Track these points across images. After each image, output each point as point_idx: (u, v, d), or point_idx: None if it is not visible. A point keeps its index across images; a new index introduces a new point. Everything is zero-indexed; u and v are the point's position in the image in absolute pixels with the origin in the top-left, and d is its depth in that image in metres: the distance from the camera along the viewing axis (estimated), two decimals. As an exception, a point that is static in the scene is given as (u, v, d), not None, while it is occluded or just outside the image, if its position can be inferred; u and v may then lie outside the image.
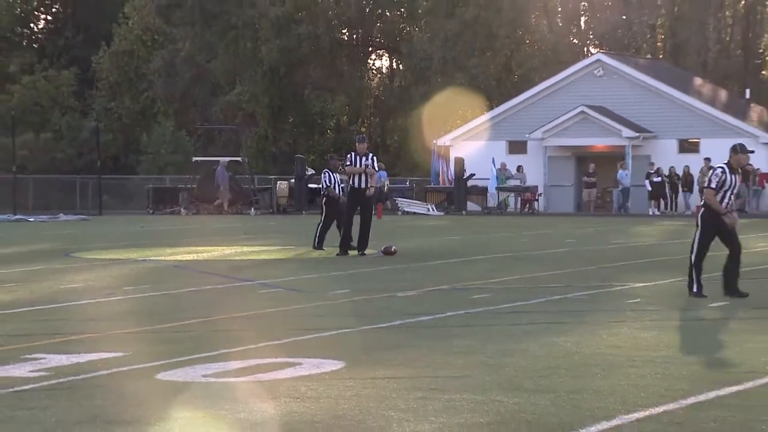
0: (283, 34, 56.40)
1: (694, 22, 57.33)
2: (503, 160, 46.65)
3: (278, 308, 13.90)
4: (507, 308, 13.53)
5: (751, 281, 16.94)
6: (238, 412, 7.85)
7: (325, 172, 23.52)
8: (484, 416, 7.62)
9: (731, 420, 7.48)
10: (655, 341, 10.82)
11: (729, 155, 14.57)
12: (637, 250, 23.78)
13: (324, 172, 23.60)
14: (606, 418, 7.48)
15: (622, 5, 60.23)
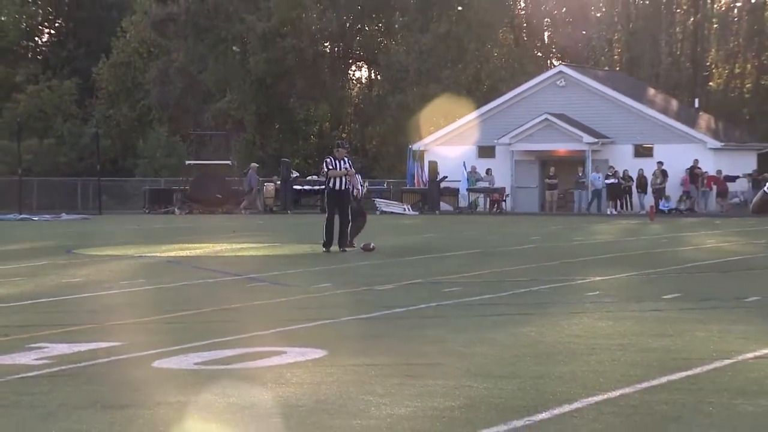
0: (269, 47, 56.37)
1: (647, 37, 57.55)
2: (473, 163, 46.72)
3: (265, 301, 13.88)
4: (477, 300, 13.55)
5: (701, 275, 17.03)
6: (228, 396, 7.83)
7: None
8: (455, 400, 7.62)
9: (681, 402, 7.51)
10: (612, 330, 10.85)
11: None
12: (597, 247, 23.86)
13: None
14: (567, 402, 7.50)
15: (582, 21, 60.39)
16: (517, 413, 7.14)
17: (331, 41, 61.72)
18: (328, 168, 21.77)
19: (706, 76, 59.24)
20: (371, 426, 6.89)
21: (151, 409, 7.47)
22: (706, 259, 19.97)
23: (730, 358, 9.16)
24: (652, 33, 57.55)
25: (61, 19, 66.70)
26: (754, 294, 13.53)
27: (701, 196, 44.09)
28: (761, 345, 9.68)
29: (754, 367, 8.83)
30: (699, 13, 58.86)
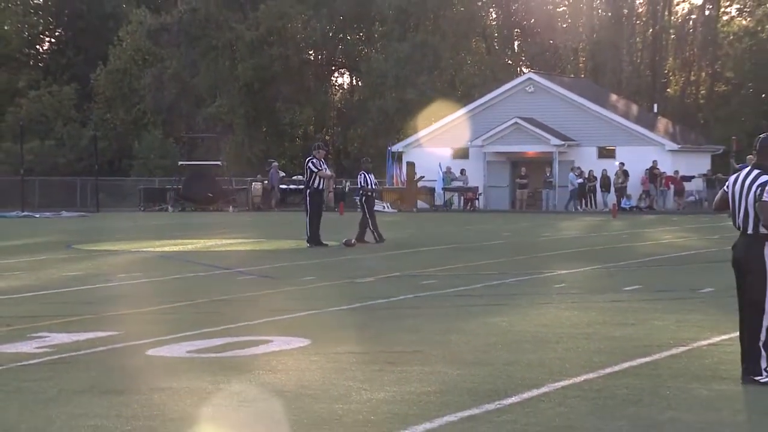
0: (257, 54, 56.24)
1: (610, 46, 57.72)
2: (448, 164, 46.73)
3: (253, 293, 13.85)
4: (451, 292, 13.56)
5: (659, 268, 17.10)
6: (218, 383, 7.82)
7: (361, 173, 23.51)
8: (431, 386, 7.63)
9: (641, 387, 7.55)
10: (577, 320, 10.89)
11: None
12: (563, 242, 23.91)
13: (360, 174, 23.58)
14: (535, 386, 7.52)
15: (550, 31, 60.50)
16: (488, 397, 7.16)
17: (315, 49, 61.65)
18: (318, 169, 21.66)
19: (664, 83, 59.47)
20: (352, 410, 6.90)
21: (145, 394, 7.45)
22: (664, 253, 20.05)
23: (686, 346, 9.21)
24: (614, 43, 57.73)
25: (61, 29, 66.39)
26: (708, 286, 13.60)
27: (660, 194, 44.24)
28: (715, 333, 9.74)
29: (708, 353, 8.88)
30: (657, 25, 59.07)
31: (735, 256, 7.76)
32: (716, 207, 8.12)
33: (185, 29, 57.60)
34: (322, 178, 21.57)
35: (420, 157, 46.77)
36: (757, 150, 7.71)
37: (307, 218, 21.72)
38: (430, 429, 6.39)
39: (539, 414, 6.76)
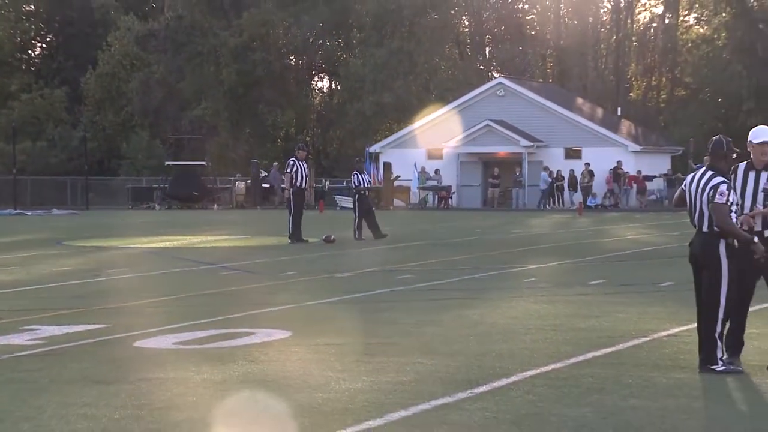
0: (240, 59, 56.09)
1: (576, 53, 57.93)
2: (423, 164, 46.76)
3: (236, 287, 13.82)
4: (426, 286, 13.57)
5: (622, 263, 17.16)
6: (203, 373, 7.80)
7: (355, 174, 23.43)
8: (406, 375, 7.64)
9: (605, 375, 7.58)
10: (545, 312, 10.92)
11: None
12: (532, 238, 23.96)
13: (354, 174, 23.48)
14: (505, 376, 7.54)
15: (519, 39, 60.64)
16: (460, 386, 7.17)
17: (296, 55, 61.55)
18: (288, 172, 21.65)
19: (627, 88, 59.71)
20: (331, 399, 6.89)
21: (133, 383, 7.42)
22: (627, 249, 20.13)
23: (647, 336, 9.25)
24: (580, 49, 57.93)
25: (52, 35, 66.02)
26: (669, 280, 13.65)
27: (623, 193, 44.43)
28: (674, 324, 9.79)
29: (668, 343, 8.93)
30: (620, 33, 59.29)
31: (692, 252, 7.80)
32: (676, 204, 8.19)
33: (171, 36, 57.38)
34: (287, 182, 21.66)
35: (396, 158, 46.76)
36: (710, 152, 7.76)
37: (290, 216, 21.70)
38: (405, 416, 6.40)
39: (509, 402, 6.78)
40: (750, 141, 7.93)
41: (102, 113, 59.91)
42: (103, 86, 59.79)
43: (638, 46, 60.45)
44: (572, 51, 58.27)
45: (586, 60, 58.26)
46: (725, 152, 7.72)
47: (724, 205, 7.51)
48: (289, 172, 21.69)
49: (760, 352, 8.05)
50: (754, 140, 7.87)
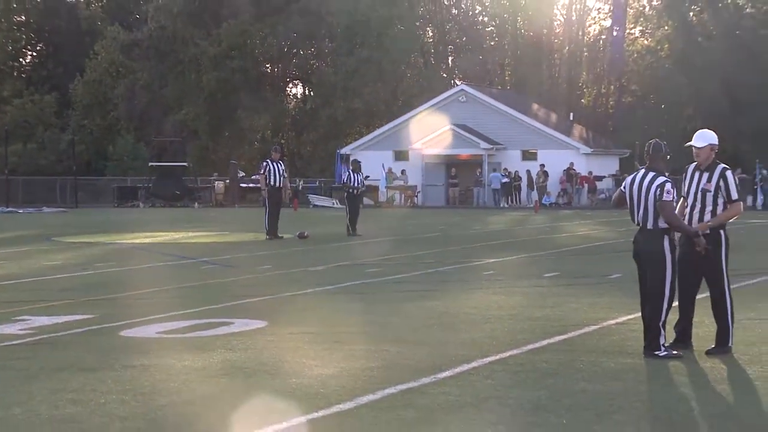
0: (219, 67, 55.82)
1: (532, 62, 58.15)
2: (390, 165, 46.76)
3: (216, 280, 13.76)
4: (393, 279, 13.57)
5: (574, 256, 17.25)
6: (184, 360, 7.76)
7: (346, 172, 23.37)
8: (374, 362, 7.64)
9: (558, 360, 7.62)
10: (503, 303, 10.95)
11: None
12: (491, 234, 24.02)
13: (345, 172, 23.41)
14: (466, 362, 7.56)
15: (479, 49, 60.76)
16: (425, 372, 7.18)
17: (272, 63, 61.30)
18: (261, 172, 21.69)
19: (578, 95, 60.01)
20: (305, 384, 6.88)
21: (118, 371, 7.37)
22: (579, 243, 20.24)
23: (597, 324, 9.31)
24: (536, 59, 58.16)
25: (42, 44, 65.36)
26: (617, 272, 13.74)
27: (576, 192, 44.65)
28: (622, 313, 9.85)
29: (616, 331, 8.98)
30: (572, 44, 59.60)
31: (636, 248, 7.85)
32: (615, 204, 8.25)
33: (155, 45, 57.01)
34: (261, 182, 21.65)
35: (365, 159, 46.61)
36: (650, 154, 7.82)
37: (266, 213, 21.63)
38: (373, 400, 6.40)
39: (470, 386, 6.80)
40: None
41: (89, 117, 59.42)
42: (90, 92, 59.31)
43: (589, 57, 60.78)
44: (528, 60, 58.50)
45: (541, 69, 58.50)
46: (664, 154, 7.80)
47: (671, 202, 7.58)
48: (262, 173, 21.69)
49: (698, 338, 8.13)
50: (692, 143, 8.00)
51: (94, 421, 5.99)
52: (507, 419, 5.93)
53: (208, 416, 6.07)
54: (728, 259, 7.94)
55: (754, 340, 8.34)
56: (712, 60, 46.83)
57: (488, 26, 63.42)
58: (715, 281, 7.88)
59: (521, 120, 46.51)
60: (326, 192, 47.81)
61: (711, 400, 6.50)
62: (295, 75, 63.56)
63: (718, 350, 7.81)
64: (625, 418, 5.94)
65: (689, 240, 7.75)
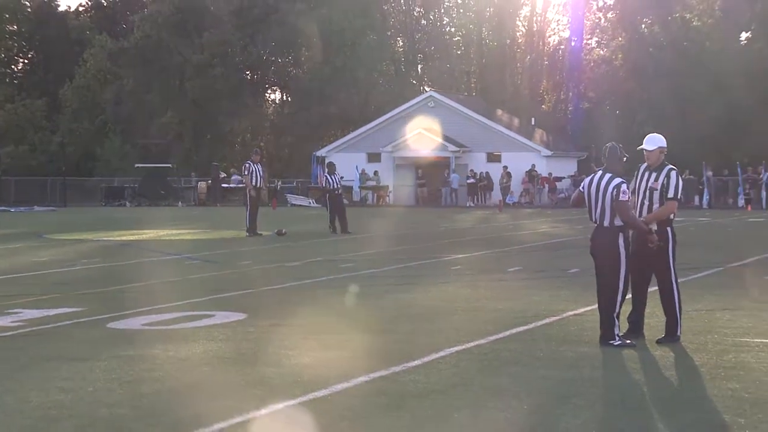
0: (202, 74, 55.54)
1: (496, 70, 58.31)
2: (363, 166, 46.73)
3: (199, 275, 13.68)
4: (365, 274, 13.56)
5: (536, 252, 17.32)
6: (168, 350, 7.71)
7: (324, 175, 23.30)
8: (347, 351, 7.63)
9: (520, 350, 7.65)
10: (470, 296, 10.98)
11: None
12: (458, 231, 24.06)
13: (324, 176, 23.33)
14: (434, 351, 7.57)
15: (447, 57, 60.83)
16: (395, 361, 7.18)
17: (252, 70, 61.06)
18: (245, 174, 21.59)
19: (539, 101, 60.24)
20: (282, 373, 6.86)
21: (105, 360, 7.31)
22: (539, 240, 20.32)
23: (556, 316, 9.35)
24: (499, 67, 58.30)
25: (34, 51, 64.74)
26: (575, 267, 13.81)
27: (537, 192, 44.83)
28: (580, 305, 9.90)
29: (575, 322, 9.03)
30: (534, 53, 59.83)
31: (593, 245, 7.89)
32: (573, 204, 8.29)
33: (141, 53, 56.63)
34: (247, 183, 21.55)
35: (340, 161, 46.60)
36: (606, 157, 7.86)
37: (246, 212, 21.55)
38: (347, 387, 6.39)
39: (438, 373, 6.81)
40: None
41: (78, 121, 58.93)
42: (79, 97, 58.83)
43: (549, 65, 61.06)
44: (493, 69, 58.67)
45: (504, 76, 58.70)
46: (620, 156, 7.85)
47: (627, 202, 7.64)
48: (246, 174, 21.63)
49: (649, 328, 8.19)
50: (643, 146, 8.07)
51: (82, 408, 5.94)
52: (472, 404, 5.95)
53: (191, 403, 6.03)
54: (676, 254, 8.00)
55: (700, 330, 8.42)
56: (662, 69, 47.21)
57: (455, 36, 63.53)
58: (664, 275, 7.95)
59: (486, 124, 46.62)
60: (303, 192, 47.68)
61: (661, 385, 6.55)
62: (274, 82, 63.37)
63: (667, 339, 7.87)
64: (582, 403, 5.97)
65: (641, 237, 7.81)
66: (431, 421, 5.58)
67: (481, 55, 60.65)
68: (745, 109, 45.32)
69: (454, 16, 63.16)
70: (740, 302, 10.04)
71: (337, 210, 22.63)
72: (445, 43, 61.80)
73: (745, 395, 6.08)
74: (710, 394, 6.17)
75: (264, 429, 5.47)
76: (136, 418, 5.68)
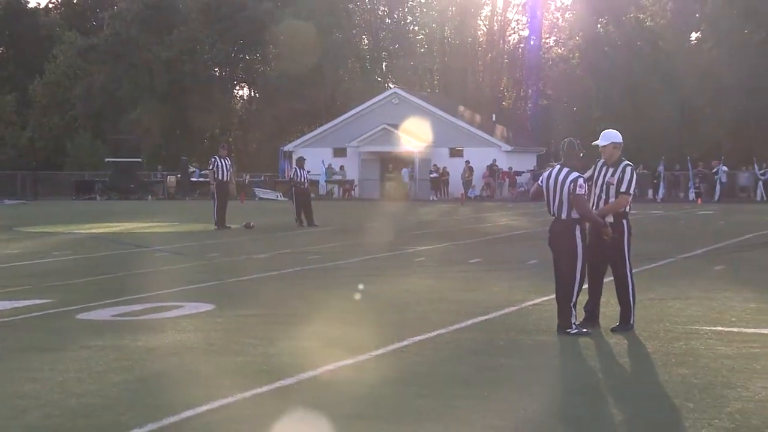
0: (171, 71, 55.05)
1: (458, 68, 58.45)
2: (330, 161, 46.63)
3: (168, 267, 13.57)
4: (332, 266, 13.53)
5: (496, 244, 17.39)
6: (137, 341, 7.64)
7: (293, 168, 23.15)
8: (314, 342, 7.62)
9: (481, 339, 7.68)
10: (433, 287, 11.00)
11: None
12: (422, 224, 24.08)
13: (294, 169, 23.20)
14: (399, 340, 7.56)
15: (411, 55, 60.84)
16: (361, 350, 7.18)
17: (220, 67, 60.62)
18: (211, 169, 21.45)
19: (500, 98, 60.50)
20: (250, 361, 6.83)
21: (75, 351, 7.23)
22: (500, 232, 20.40)
23: (516, 306, 9.40)
24: (461, 65, 58.45)
25: (3, 47, 63.74)
26: (534, 258, 13.87)
27: (498, 186, 45.03)
28: (538, 296, 9.96)
29: (533, 311, 9.09)
30: (494, 51, 60.04)
31: (551, 237, 7.95)
32: (532, 197, 8.33)
33: (110, 49, 55.98)
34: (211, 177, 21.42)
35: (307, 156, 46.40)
36: (564, 152, 7.91)
37: (214, 205, 21.41)
38: (313, 376, 6.38)
39: (402, 362, 6.82)
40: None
41: (48, 116, 58.15)
42: (49, 93, 58.04)
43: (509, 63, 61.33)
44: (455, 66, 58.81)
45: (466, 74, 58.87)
46: (577, 151, 7.90)
47: (583, 195, 7.69)
48: (211, 168, 21.50)
49: (604, 317, 8.26)
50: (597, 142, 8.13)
51: (52, 397, 5.87)
52: (434, 392, 5.96)
53: (160, 392, 5.99)
54: (630, 245, 8.08)
55: (652, 318, 8.51)
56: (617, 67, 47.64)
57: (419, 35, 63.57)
58: (619, 266, 8.03)
59: (449, 120, 46.73)
60: (271, 186, 47.47)
61: (615, 372, 6.62)
62: (242, 78, 62.98)
63: (621, 328, 7.95)
64: (540, 390, 6.01)
65: (597, 229, 7.88)
66: (395, 409, 5.58)
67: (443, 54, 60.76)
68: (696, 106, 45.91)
69: (418, 15, 63.21)
70: (690, 292, 10.17)
71: (303, 203, 22.57)
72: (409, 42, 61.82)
73: (695, 380, 6.16)
74: (662, 379, 6.24)
75: (232, 417, 5.45)
76: (105, 407, 5.63)
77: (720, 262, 13.26)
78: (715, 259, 13.74)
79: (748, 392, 5.84)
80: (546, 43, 60.70)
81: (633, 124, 42.27)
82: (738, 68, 43.71)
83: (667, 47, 48.06)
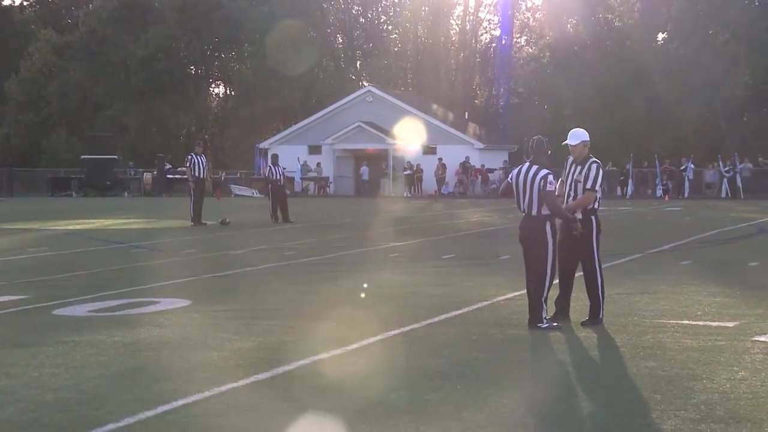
0: (147, 68, 54.64)
1: (431, 66, 58.52)
2: (305, 158, 46.52)
3: (144, 263, 13.48)
4: (307, 261, 13.50)
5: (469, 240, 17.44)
6: (114, 336, 7.58)
7: (268, 166, 23.10)
8: (289, 336, 7.60)
9: (454, 333, 7.68)
10: (406, 282, 11.01)
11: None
12: (396, 220, 24.09)
13: (268, 167, 23.13)
14: (373, 335, 7.58)
15: (384, 54, 60.83)
16: (335, 344, 7.17)
17: (196, 65, 60.26)
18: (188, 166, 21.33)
19: (472, 96, 60.64)
20: (225, 356, 6.80)
21: (51, 346, 7.16)
22: (472, 228, 20.47)
23: (488, 301, 9.43)
24: (434, 64, 58.52)
25: (-22, 44, 62.97)
26: (505, 254, 13.93)
27: (471, 183, 45.15)
28: (510, 290, 10.00)
29: (505, 306, 9.12)
30: (467, 50, 60.17)
31: (522, 233, 7.97)
32: (502, 194, 8.37)
33: (86, 47, 55.47)
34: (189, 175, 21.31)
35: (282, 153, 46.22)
36: (533, 149, 7.95)
37: (191, 202, 21.30)
38: (288, 370, 6.37)
39: (376, 356, 6.82)
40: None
41: (24, 114, 57.49)
42: (24, 90, 57.38)
43: (481, 62, 61.49)
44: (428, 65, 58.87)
45: (439, 73, 58.94)
46: (546, 149, 7.94)
47: (553, 192, 7.73)
48: (188, 166, 21.38)
49: (574, 311, 8.31)
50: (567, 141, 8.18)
51: (28, 392, 5.81)
52: (408, 385, 5.97)
53: (136, 387, 5.94)
54: (599, 241, 8.14)
55: (621, 312, 8.58)
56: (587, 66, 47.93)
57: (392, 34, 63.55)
58: (588, 261, 8.07)
59: (422, 118, 46.75)
60: (247, 182, 47.28)
61: (585, 365, 6.66)
62: (218, 76, 62.64)
63: (591, 322, 8.00)
64: (511, 383, 6.04)
65: (567, 225, 7.92)
66: (369, 402, 5.58)
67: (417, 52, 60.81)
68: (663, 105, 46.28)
69: (391, 15, 63.19)
70: (658, 286, 10.26)
71: (279, 200, 22.51)
72: (382, 41, 61.79)
73: (662, 373, 6.22)
74: (630, 372, 6.29)
75: (208, 411, 5.42)
76: (81, 402, 5.58)
77: (686, 258, 13.39)
78: (681, 255, 13.87)
79: (713, 384, 5.90)
80: (517, 43, 60.93)
81: (602, 122, 42.57)
82: (703, 68, 44.15)
83: (635, 47, 48.42)
